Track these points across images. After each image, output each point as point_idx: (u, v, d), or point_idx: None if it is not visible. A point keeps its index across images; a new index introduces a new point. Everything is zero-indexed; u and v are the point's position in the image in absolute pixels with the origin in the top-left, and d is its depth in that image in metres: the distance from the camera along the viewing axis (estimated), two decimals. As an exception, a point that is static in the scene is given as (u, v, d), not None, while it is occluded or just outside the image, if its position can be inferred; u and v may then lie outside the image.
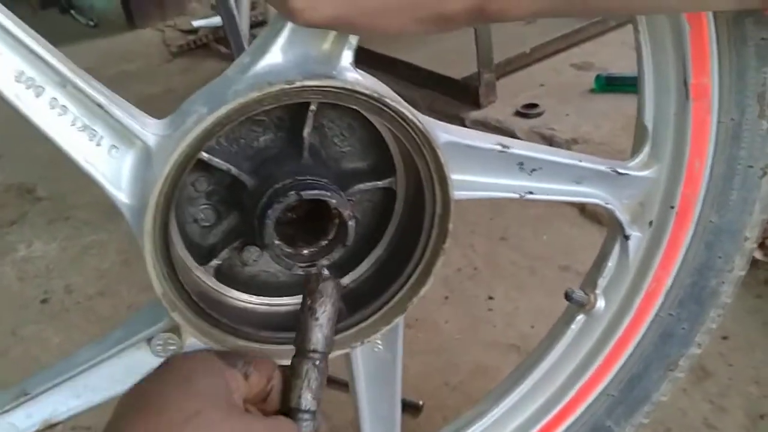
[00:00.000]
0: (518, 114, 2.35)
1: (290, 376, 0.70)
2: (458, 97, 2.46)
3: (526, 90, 2.51)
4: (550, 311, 1.02)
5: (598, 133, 2.18)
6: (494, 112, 2.39)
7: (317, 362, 0.69)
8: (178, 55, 3.57)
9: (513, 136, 2.14)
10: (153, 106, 0.72)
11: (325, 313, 0.69)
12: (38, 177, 2.39)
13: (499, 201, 2.01)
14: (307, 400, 0.68)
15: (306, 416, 0.68)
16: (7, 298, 1.90)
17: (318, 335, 0.69)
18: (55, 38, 0.64)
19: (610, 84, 2.40)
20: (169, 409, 0.58)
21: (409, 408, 1.40)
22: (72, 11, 4.15)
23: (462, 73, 2.49)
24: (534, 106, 2.36)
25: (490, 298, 1.72)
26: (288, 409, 0.68)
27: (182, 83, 2.92)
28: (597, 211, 1.91)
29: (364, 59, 0.73)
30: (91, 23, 4.05)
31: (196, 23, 3.79)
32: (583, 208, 1.96)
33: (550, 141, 2.17)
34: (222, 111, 0.64)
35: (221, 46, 3.46)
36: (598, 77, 2.43)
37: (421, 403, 1.42)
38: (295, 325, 0.71)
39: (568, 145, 2.13)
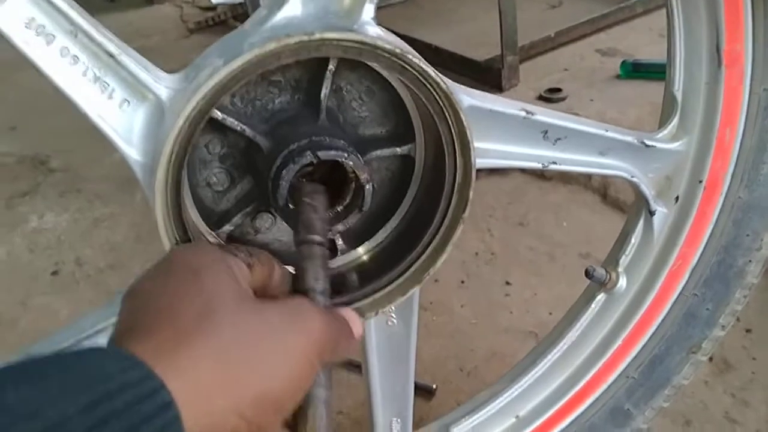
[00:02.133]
0: (541, 98, 2.33)
1: (300, 261, 0.67)
2: (480, 80, 2.43)
3: (549, 74, 2.49)
4: (570, 299, 1.00)
5: (624, 120, 2.14)
6: (517, 95, 2.36)
7: (323, 248, 0.67)
8: (195, 31, 3.57)
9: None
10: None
11: (321, 208, 0.69)
12: (52, 149, 2.39)
13: (518, 186, 2.01)
14: (321, 279, 0.66)
15: (321, 297, 0.65)
16: (18, 269, 1.90)
17: (319, 225, 0.68)
18: (74, 11, 0.63)
19: (637, 70, 2.37)
20: (180, 312, 0.53)
21: (422, 391, 1.39)
22: (92, -13, 4.15)
23: (485, 56, 2.47)
24: (557, 90, 2.34)
25: (508, 283, 1.69)
26: (305, 291, 0.65)
27: (199, 59, 2.91)
28: (619, 198, 1.88)
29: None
30: (110, -2, 4.06)
31: (214, 0, 3.78)
32: (605, 195, 1.93)
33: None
34: (237, 63, 0.62)
35: (239, 23, 3.44)
36: (624, 63, 2.40)
37: (434, 386, 1.40)
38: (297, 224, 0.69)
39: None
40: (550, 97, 2.31)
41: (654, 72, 2.27)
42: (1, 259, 1.92)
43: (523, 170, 2.06)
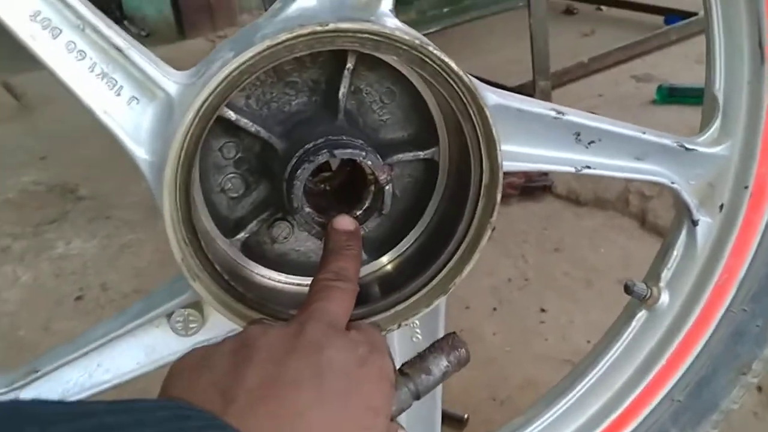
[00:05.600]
0: (574, 124, 2.28)
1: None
2: (512, 106, 2.39)
3: (583, 100, 2.47)
4: (608, 326, 0.95)
5: (659, 144, 2.09)
6: (549, 122, 2.32)
7: (412, 394, 0.67)
8: (226, 65, 3.61)
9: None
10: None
11: (446, 369, 0.69)
12: (81, 177, 2.39)
13: (553, 212, 1.96)
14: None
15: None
16: (42, 294, 1.89)
17: (430, 379, 0.68)
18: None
19: (673, 95, 2.34)
20: None
21: (453, 421, 1.33)
22: (125, 21, 4.24)
23: (516, 83, 2.43)
24: (592, 115, 2.29)
25: (543, 310, 1.64)
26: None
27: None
28: (658, 224, 1.82)
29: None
30: (143, 33, 4.14)
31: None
32: (643, 221, 1.88)
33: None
34: (248, 54, 0.59)
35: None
36: (660, 87, 2.37)
37: (465, 416, 1.35)
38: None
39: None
40: (584, 122, 2.27)
41: (690, 96, 2.23)
42: (27, 284, 1.92)
43: (557, 195, 2.02)
